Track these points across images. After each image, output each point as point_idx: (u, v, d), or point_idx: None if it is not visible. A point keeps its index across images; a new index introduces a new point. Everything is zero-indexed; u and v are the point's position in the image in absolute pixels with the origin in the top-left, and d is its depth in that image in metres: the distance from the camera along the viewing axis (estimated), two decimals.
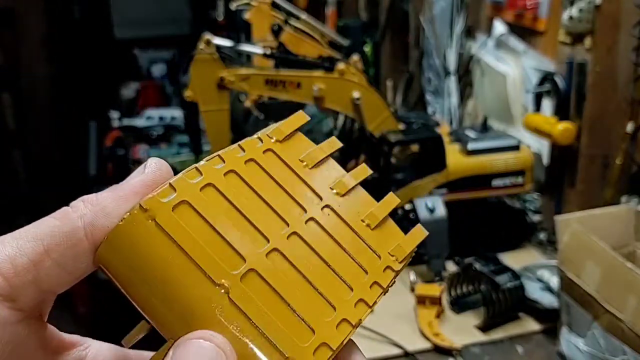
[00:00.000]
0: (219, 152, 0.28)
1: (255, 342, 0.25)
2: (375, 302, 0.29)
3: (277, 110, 1.53)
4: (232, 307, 0.25)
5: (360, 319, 0.28)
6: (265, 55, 1.36)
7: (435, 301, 1.09)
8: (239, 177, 0.28)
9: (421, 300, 1.10)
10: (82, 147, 3.17)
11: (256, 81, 1.30)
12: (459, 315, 1.11)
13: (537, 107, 1.37)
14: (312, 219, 0.29)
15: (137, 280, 0.25)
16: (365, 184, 0.32)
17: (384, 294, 0.29)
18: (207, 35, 1.31)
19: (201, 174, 0.27)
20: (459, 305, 1.13)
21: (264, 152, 0.30)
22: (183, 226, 0.25)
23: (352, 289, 0.28)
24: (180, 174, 0.27)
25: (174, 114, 2.41)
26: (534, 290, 1.10)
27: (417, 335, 1.05)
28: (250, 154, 0.29)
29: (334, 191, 0.30)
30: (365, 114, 1.30)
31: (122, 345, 0.29)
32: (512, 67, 1.52)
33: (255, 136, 0.30)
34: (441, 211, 1.19)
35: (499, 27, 1.57)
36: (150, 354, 0.27)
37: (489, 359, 1.01)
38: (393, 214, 0.32)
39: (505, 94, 1.52)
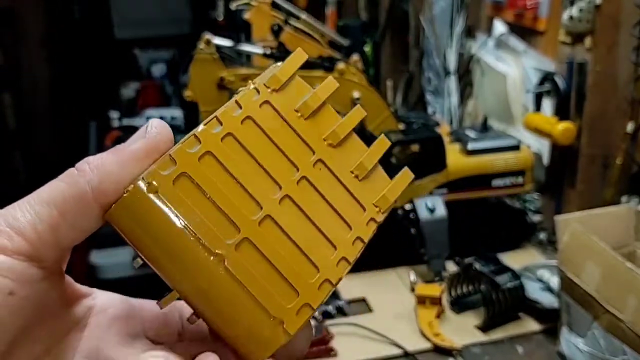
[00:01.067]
0: (217, 113, 0.29)
1: (246, 306, 0.28)
2: (355, 258, 0.31)
3: None
4: (227, 274, 0.28)
5: (341, 277, 0.30)
6: (265, 55, 1.36)
7: (436, 301, 1.09)
8: (235, 140, 0.29)
9: (421, 300, 1.10)
10: (82, 147, 3.17)
11: None
12: (459, 315, 1.11)
13: (537, 107, 1.37)
14: (304, 177, 0.30)
15: (143, 242, 0.28)
16: None
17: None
18: (207, 35, 1.31)
19: (199, 142, 0.28)
20: (459, 305, 1.12)
21: (261, 105, 0.30)
22: (183, 198, 0.27)
23: (335, 247, 0.30)
24: (179, 143, 0.28)
25: (174, 114, 2.41)
26: (534, 290, 1.10)
27: (417, 335, 1.05)
28: (247, 111, 0.29)
29: (327, 142, 0.31)
30: (365, 114, 1.30)
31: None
32: (512, 67, 1.52)
33: (252, 86, 0.31)
34: (441, 211, 1.19)
35: (499, 27, 1.57)
36: (152, 302, 0.31)
37: (489, 359, 1.01)
38: (393, 214, 0.33)
39: (505, 94, 1.52)
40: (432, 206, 1.19)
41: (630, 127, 1.16)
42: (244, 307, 0.28)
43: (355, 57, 1.46)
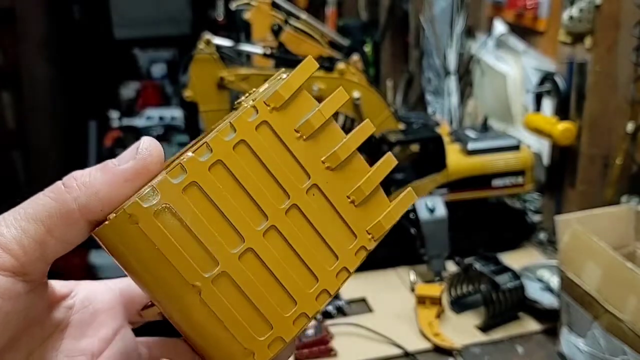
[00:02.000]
0: (208, 138, 0.28)
1: (220, 335, 0.28)
2: (338, 289, 0.31)
3: None
4: (203, 304, 0.28)
5: (318, 310, 0.30)
6: (265, 55, 1.36)
7: (436, 301, 1.09)
8: (224, 168, 0.28)
9: (421, 300, 1.10)
10: (82, 147, 3.17)
11: (256, 81, 1.30)
12: (459, 315, 1.11)
13: (537, 107, 1.37)
14: (293, 205, 0.29)
15: (126, 263, 0.28)
16: None
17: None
18: (207, 35, 1.31)
19: (185, 172, 0.27)
20: (459, 305, 1.12)
21: (257, 127, 0.29)
22: (163, 231, 0.27)
23: (317, 279, 0.30)
24: (163, 173, 0.27)
25: (174, 114, 2.41)
26: (534, 290, 1.10)
27: (417, 335, 1.05)
28: (241, 135, 0.28)
29: (326, 165, 0.30)
30: (365, 114, 1.30)
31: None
32: (512, 67, 1.52)
33: (251, 103, 0.29)
34: (441, 211, 1.19)
35: (499, 27, 1.57)
36: (129, 281, 0.30)
37: (489, 359, 1.01)
38: None
39: (505, 94, 1.52)
40: (432, 206, 1.19)
41: (630, 127, 1.16)
42: (217, 336, 0.28)
43: (355, 57, 1.46)
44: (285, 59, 1.36)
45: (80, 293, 0.32)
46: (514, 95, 1.51)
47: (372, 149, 1.33)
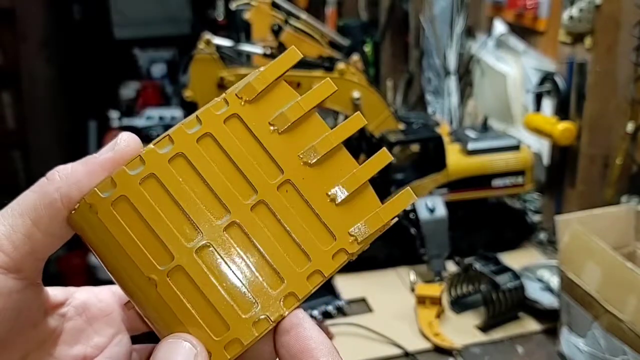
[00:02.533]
0: (169, 131, 0.27)
1: (176, 330, 0.27)
2: (308, 294, 0.28)
3: None
4: (159, 297, 0.27)
5: (282, 314, 0.28)
6: (265, 55, 1.36)
7: (436, 301, 1.09)
8: (186, 161, 0.27)
9: (421, 300, 1.10)
10: (82, 147, 3.17)
11: None
12: (459, 315, 1.11)
13: (537, 107, 1.37)
14: (261, 202, 0.28)
15: (94, 249, 0.28)
16: None
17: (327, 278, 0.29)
18: (207, 35, 1.31)
19: (143, 163, 0.27)
20: (459, 305, 1.12)
21: (226, 119, 0.27)
22: (120, 222, 0.27)
23: (284, 281, 0.28)
24: (124, 165, 0.27)
25: (174, 114, 2.41)
26: (534, 290, 1.10)
27: (417, 335, 1.05)
28: (206, 128, 0.27)
29: (302, 160, 0.28)
30: (365, 114, 1.30)
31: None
32: (512, 67, 1.52)
33: (222, 97, 0.28)
34: (441, 211, 1.19)
35: (499, 27, 1.57)
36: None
37: (489, 359, 1.01)
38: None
39: (505, 94, 1.52)
40: (432, 206, 1.19)
41: (630, 127, 1.16)
42: (173, 331, 0.27)
43: (355, 57, 1.46)
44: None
45: (76, 300, 0.32)
46: (514, 95, 1.51)
47: (372, 149, 1.33)
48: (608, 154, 1.23)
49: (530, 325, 1.08)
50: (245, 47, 1.41)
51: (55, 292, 0.31)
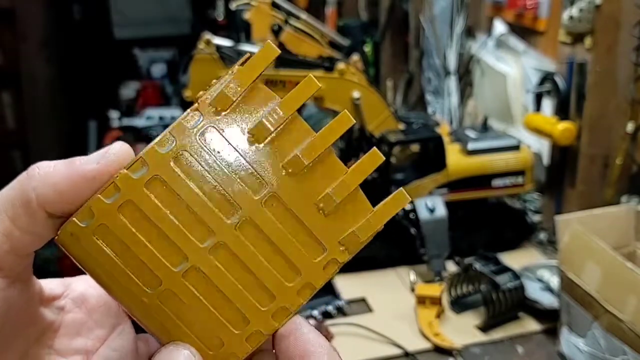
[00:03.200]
0: (142, 152, 0.26)
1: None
2: (299, 306, 0.28)
3: None
4: (151, 317, 0.27)
5: (276, 328, 0.28)
6: None
7: (436, 301, 1.09)
8: (162, 183, 0.25)
9: (421, 300, 1.10)
10: (82, 147, 3.17)
11: None
12: (459, 315, 1.11)
13: (537, 107, 1.37)
14: (246, 219, 0.26)
15: (84, 268, 0.27)
16: (365, 184, 0.28)
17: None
18: (207, 35, 1.31)
19: (118, 190, 0.25)
20: (459, 305, 1.12)
21: (202, 132, 0.25)
22: (102, 249, 0.26)
23: (275, 297, 0.27)
24: (99, 192, 0.26)
25: (174, 114, 2.41)
26: (534, 290, 1.10)
27: (417, 335, 1.05)
28: (181, 145, 0.25)
29: (288, 170, 0.26)
30: (365, 114, 1.30)
31: None
32: (512, 67, 1.52)
33: (194, 107, 0.26)
34: (441, 211, 1.19)
35: (499, 27, 1.57)
36: None
37: (489, 359, 1.01)
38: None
39: (505, 94, 1.52)
40: (432, 206, 1.19)
41: (630, 127, 1.16)
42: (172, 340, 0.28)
43: (355, 57, 1.46)
44: (285, 59, 1.36)
45: (74, 292, 0.32)
46: (514, 95, 1.51)
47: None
48: (608, 154, 1.23)
49: (530, 325, 1.08)
50: (245, 47, 1.41)
51: (51, 285, 0.31)
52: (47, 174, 0.26)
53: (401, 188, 0.28)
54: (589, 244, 0.90)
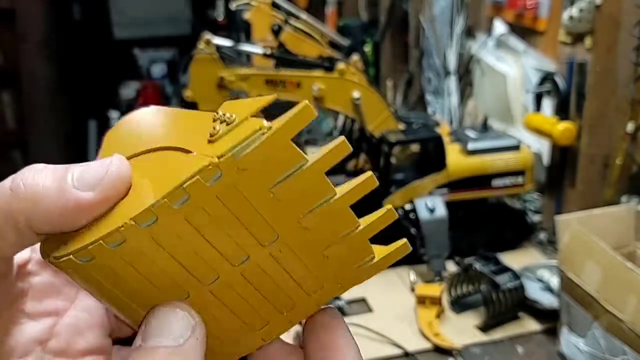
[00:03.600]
0: (153, 204, 0.23)
1: None
2: (282, 333, 0.28)
3: (276, 110, 1.53)
4: None
5: (260, 345, 0.28)
6: (265, 55, 1.36)
7: (436, 301, 1.09)
8: (169, 234, 0.24)
9: (421, 300, 1.10)
10: (81, 147, 3.17)
11: (256, 81, 1.30)
12: (459, 315, 1.11)
13: (537, 107, 1.37)
14: (252, 263, 0.26)
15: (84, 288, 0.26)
16: None
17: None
18: (207, 35, 1.31)
19: (123, 239, 0.24)
20: (459, 305, 1.12)
21: (218, 190, 0.23)
22: (99, 280, 0.25)
23: (267, 323, 0.28)
24: (101, 240, 0.24)
25: None
26: (534, 290, 1.10)
27: (417, 335, 1.05)
28: (195, 203, 0.23)
29: (302, 225, 0.25)
30: (365, 114, 1.30)
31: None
32: (512, 67, 1.52)
33: (215, 161, 0.23)
34: (441, 211, 1.19)
35: (499, 27, 1.57)
36: None
37: (489, 359, 1.01)
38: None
39: (505, 94, 1.52)
40: (432, 206, 1.19)
41: (630, 127, 1.16)
42: None
43: (355, 57, 1.46)
44: (285, 58, 1.36)
45: (38, 254, 0.30)
46: (514, 95, 1.51)
47: (372, 149, 1.33)
48: (608, 154, 1.23)
49: (530, 325, 1.08)
50: (245, 47, 1.41)
51: (21, 255, 0.29)
52: (36, 196, 0.24)
53: (404, 240, 0.28)
54: (589, 244, 0.90)
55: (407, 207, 1.25)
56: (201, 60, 1.30)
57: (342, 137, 0.24)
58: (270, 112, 0.25)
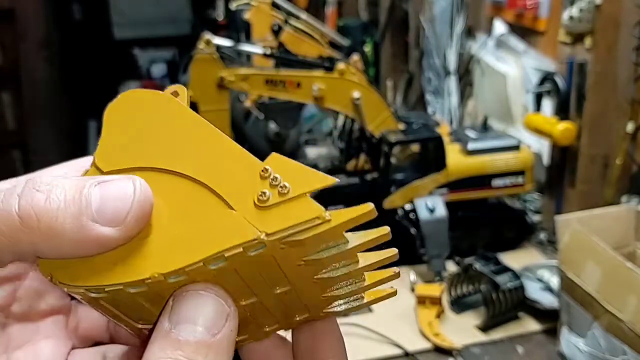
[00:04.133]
0: (190, 264, 0.22)
1: None
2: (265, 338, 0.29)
3: (276, 110, 1.53)
4: None
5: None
6: (265, 55, 1.36)
7: (436, 301, 1.09)
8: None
9: (421, 300, 1.10)
10: (82, 147, 3.17)
11: (256, 81, 1.30)
12: (459, 315, 1.11)
13: (537, 107, 1.37)
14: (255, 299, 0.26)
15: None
16: (365, 184, 0.29)
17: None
18: (207, 35, 1.31)
19: (146, 287, 0.23)
20: (459, 305, 1.12)
21: (256, 258, 0.23)
22: (109, 308, 0.25)
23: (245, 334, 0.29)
24: (123, 281, 0.23)
25: None
26: (534, 290, 1.10)
27: (417, 335, 1.05)
28: (231, 264, 0.22)
29: (317, 282, 0.26)
30: (365, 114, 1.30)
31: None
32: (512, 67, 1.52)
33: (263, 237, 0.22)
34: (441, 211, 1.19)
35: (499, 27, 1.57)
36: None
37: (489, 359, 1.01)
38: (393, 214, 0.30)
39: (505, 94, 1.52)
40: (432, 206, 1.19)
41: (630, 127, 1.16)
42: None
43: (355, 57, 1.46)
44: (285, 58, 1.36)
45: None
46: (514, 95, 1.51)
47: (372, 149, 1.33)
48: (608, 154, 1.23)
49: (530, 325, 1.08)
50: (245, 47, 1.41)
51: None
52: (51, 232, 0.22)
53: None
54: (589, 244, 0.90)
55: (407, 207, 1.25)
56: (201, 60, 1.30)
57: (387, 229, 0.24)
58: (271, 112, 0.25)
